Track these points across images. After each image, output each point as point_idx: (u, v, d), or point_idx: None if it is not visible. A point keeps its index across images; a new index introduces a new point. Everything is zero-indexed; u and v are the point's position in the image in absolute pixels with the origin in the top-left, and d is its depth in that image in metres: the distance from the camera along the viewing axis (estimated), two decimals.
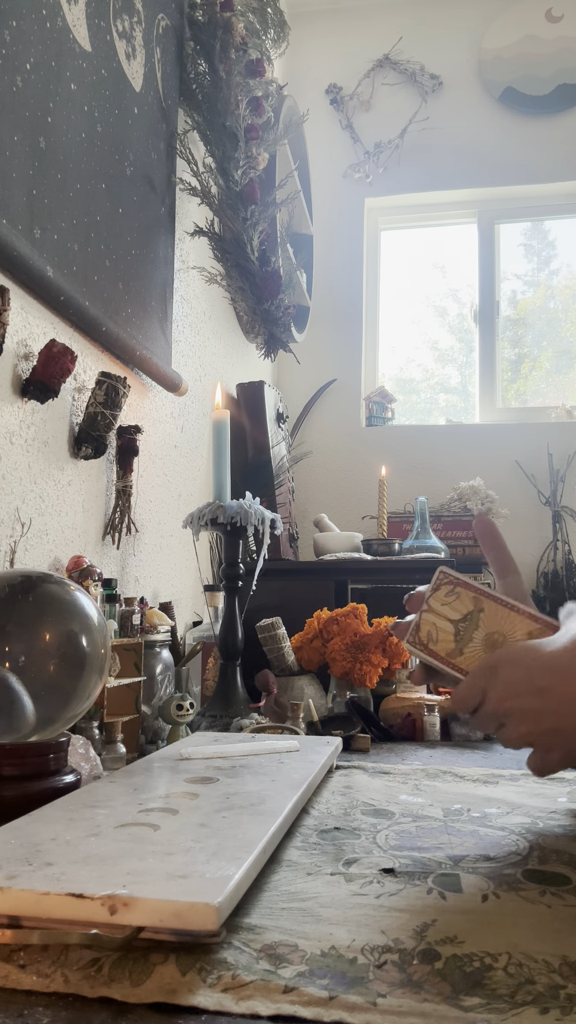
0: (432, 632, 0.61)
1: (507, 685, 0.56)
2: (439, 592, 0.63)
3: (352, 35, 2.79)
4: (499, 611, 0.60)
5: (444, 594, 0.62)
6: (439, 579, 0.63)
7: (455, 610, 0.62)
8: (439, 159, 2.71)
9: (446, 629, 0.61)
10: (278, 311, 1.87)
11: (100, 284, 1.18)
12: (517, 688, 0.55)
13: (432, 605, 0.62)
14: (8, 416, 0.97)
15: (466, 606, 0.61)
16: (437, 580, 0.63)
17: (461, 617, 0.61)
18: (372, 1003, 0.34)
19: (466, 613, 0.61)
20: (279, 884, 0.48)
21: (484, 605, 0.61)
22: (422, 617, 0.63)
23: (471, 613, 0.61)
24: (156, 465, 1.48)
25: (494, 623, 0.60)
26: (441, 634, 0.61)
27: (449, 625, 0.61)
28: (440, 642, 0.61)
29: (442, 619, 0.62)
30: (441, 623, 0.61)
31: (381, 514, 1.87)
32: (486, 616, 0.60)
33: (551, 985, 0.35)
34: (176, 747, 0.79)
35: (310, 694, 1.24)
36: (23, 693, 0.69)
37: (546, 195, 2.73)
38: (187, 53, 1.60)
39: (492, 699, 0.57)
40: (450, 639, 0.61)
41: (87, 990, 0.35)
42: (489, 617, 0.60)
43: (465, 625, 0.60)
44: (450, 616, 0.61)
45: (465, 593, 0.62)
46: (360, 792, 0.72)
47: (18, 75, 0.95)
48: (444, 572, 0.64)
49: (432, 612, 0.62)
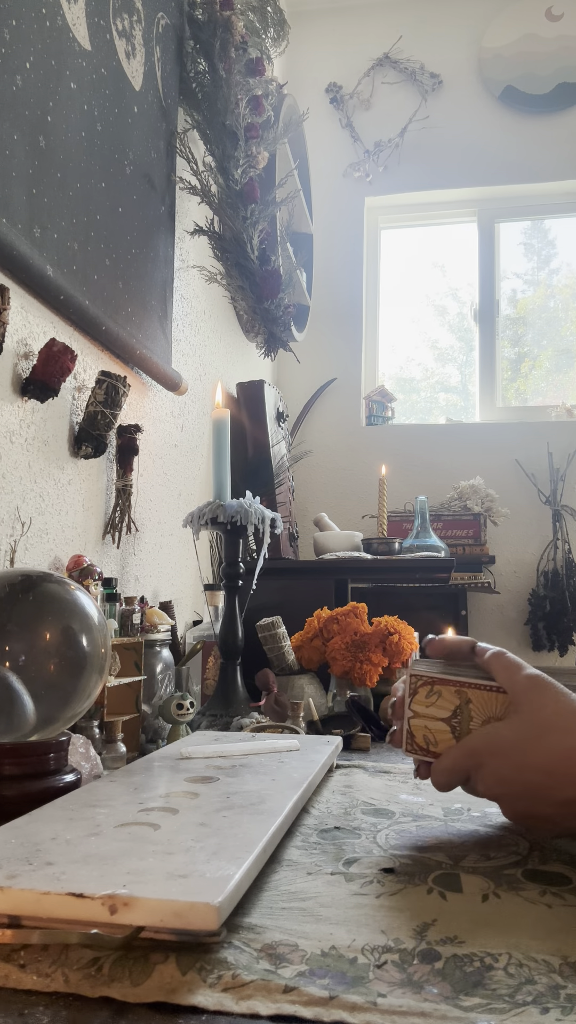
0: (428, 736, 0.60)
1: (495, 777, 0.56)
2: (419, 695, 0.61)
3: (352, 34, 2.79)
4: (486, 696, 0.59)
5: (424, 695, 0.60)
6: (414, 682, 0.61)
7: (442, 708, 0.60)
8: (439, 158, 2.71)
9: (441, 729, 0.60)
10: (278, 310, 1.87)
11: (100, 283, 1.18)
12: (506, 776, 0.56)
13: (417, 710, 0.61)
14: (8, 415, 0.97)
15: (452, 702, 0.59)
16: (413, 683, 0.61)
17: (451, 713, 0.59)
18: (372, 1003, 0.34)
19: (454, 708, 0.59)
20: (279, 884, 0.48)
21: (470, 695, 0.59)
22: (411, 724, 0.61)
23: (459, 707, 0.59)
24: (156, 464, 1.47)
25: (486, 709, 0.58)
26: (438, 735, 0.60)
27: (442, 724, 0.60)
28: (440, 743, 0.59)
29: (432, 720, 0.60)
30: (433, 724, 0.60)
31: (381, 513, 1.87)
32: (476, 705, 0.59)
33: (551, 985, 0.35)
34: (176, 746, 0.79)
35: (310, 693, 1.24)
36: (23, 692, 0.69)
37: (546, 194, 2.73)
38: (187, 52, 1.60)
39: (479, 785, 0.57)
40: (449, 737, 0.59)
41: (87, 990, 0.35)
42: (479, 705, 0.59)
43: (459, 720, 0.59)
44: (439, 715, 0.60)
45: (446, 690, 0.60)
46: (360, 791, 0.72)
47: (18, 74, 0.95)
48: (416, 675, 0.61)
49: (420, 717, 0.60)
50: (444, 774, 0.58)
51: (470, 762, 0.57)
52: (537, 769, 0.54)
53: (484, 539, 2.34)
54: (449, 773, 0.58)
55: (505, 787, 0.56)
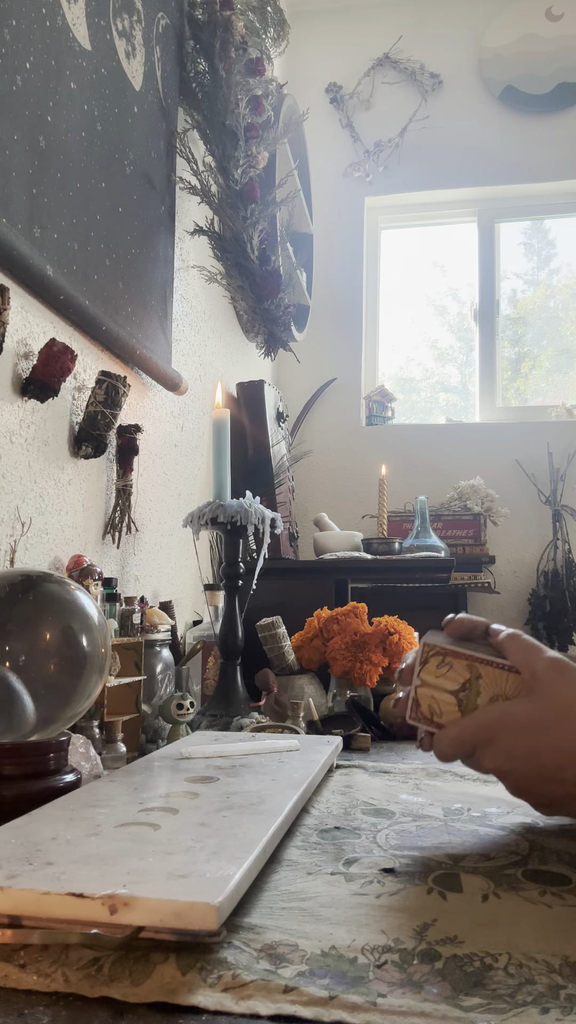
0: (433, 706, 0.60)
1: (506, 754, 0.56)
2: (429, 665, 0.61)
3: (352, 34, 2.79)
4: (496, 674, 0.59)
5: (435, 666, 0.61)
6: (426, 651, 0.61)
7: (451, 680, 0.60)
8: (439, 158, 2.71)
9: (447, 700, 0.60)
10: (278, 310, 1.87)
11: (100, 283, 1.18)
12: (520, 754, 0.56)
13: (425, 679, 0.61)
14: (8, 415, 0.97)
15: (462, 675, 0.59)
16: (424, 653, 0.61)
17: (459, 687, 0.59)
18: (372, 1003, 0.34)
19: (463, 682, 0.59)
20: (279, 884, 0.48)
21: (481, 671, 0.59)
22: (418, 692, 0.61)
23: (469, 681, 0.59)
24: (156, 464, 1.47)
25: (495, 686, 0.58)
26: (444, 706, 0.60)
27: (449, 696, 0.60)
28: (445, 714, 0.60)
29: (440, 691, 0.60)
30: (440, 695, 0.60)
31: (381, 513, 1.87)
32: (485, 681, 0.59)
33: (551, 985, 0.35)
34: (176, 746, 0.79)
35: (310, 693, 1.24)
36: (23, 692, 0.69)
37: (546, 194, 2.73)
38: (187, 52, 1.60)
39: (487, 760, 0.58)
40: (454, 709, 0.59)
41: (87, 990, 0.35)
42: (488, 681, 0.59)
43: (466, 694, 0.59)
44: (447, 687, 0.60)
45: (458, 663, 0.60)
46: (360, 791, 0.72)
47: (18, 74, 0.95)
48: (429, 644, 0.61)
49: (427, 686, 0.61)
50: (451, 744, 0.58)
51: (480, 736, 0.57)
52: (555, 751, 0.54)
53: (484, 539, 2.34)
54: (455, 744, 0.58)
55: (516, 764, 0.56)
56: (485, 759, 0.58)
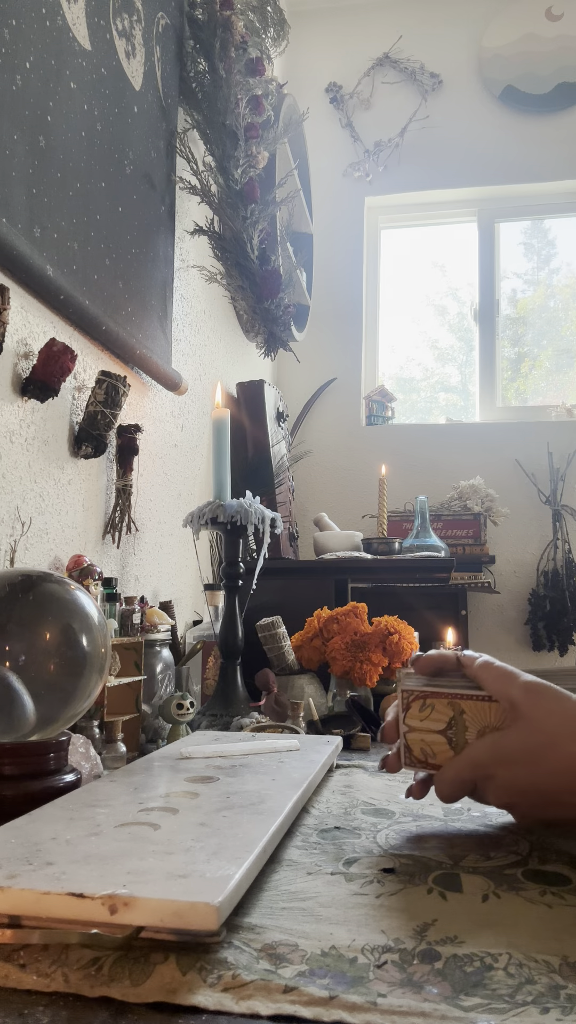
0: (426, 748, 0.60)
1: (507, 787, 0.56)
2: (412, 710, 0.61)
3: (352, 34, 2.79)
4: (478, 706, 0.59)
5: (418, 710, 0.61)
6: (406, 697, 0.62)
7: (437, 721, 0.60)
8: (439, 158, 2.71)
9: (437, 741, 0.60)
10: (278, 310, 1.87)
11: (100, 283, 1.18)
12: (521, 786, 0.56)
13: (412, 724, 0.61)
14: (8, 415, 0.97)
15: (445, 714, 0.60)
16: (405, 699, 0.62)
17: (446, 725, 0.60)
18: (372, 1003, 0.34)
19: (448, 720, 0.59)
20: (279, 884, 0.48)
21: (463, 706, 0.59)
22: (408, 739, 0.61)
23: (454, 718, 0.59)
24: (156, 464, 1.47)
25: (480, 718, 0.58)
26: (436, 747, 0.60)
27: (439, 737, 0.60)
28: (439, 755, 0.60)
29: (428, 733, 0.60)
30: (429, 737, 0.60)
31: (381, 513, 1.87)
32: (469, 716, 0.59)
33: (551, 985, 0.35)
34: (176, 746, 0.79)
35: (310, 693, 1.24)
36: (23, 692, 0.69)
37: (546, 194, 2.73)
38: (187, 52, 1.60)
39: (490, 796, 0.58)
40: (446, 749, 0.59)
41: (87, 990, 0.35)
42: (472, 716, 0.59)
43: (454, 731, 0.59)
44: (434, 728, 0.60)
45: (439, 702, 0.60)
46: (360, 791, 0.72)
47: (18, 74, 0.95)
48: (408, 690, 0.62)
49: (415, 731, 0.61)
50: (448, 785, 0.58)
51: (476, 773, 0.57)
52: (553, 774, 0.54)
53: (484, 539, 2.34)
54: (453, 784, 0.58)
55: (519, 796, 0.56)
56: (488, 795, 0.58)
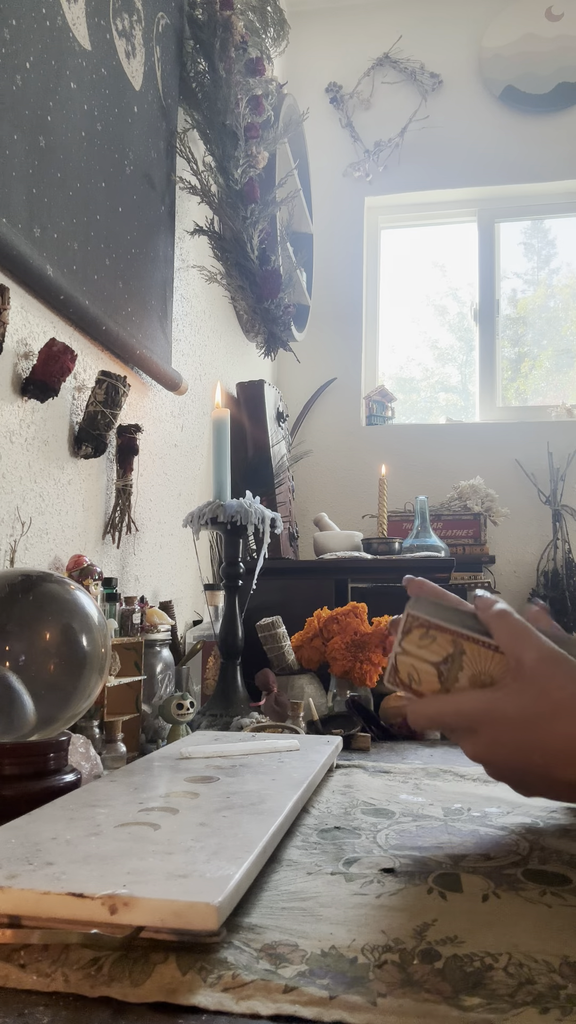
0: (413, 674, 0.59)
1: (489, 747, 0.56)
2: (412, 635, 0.59)
3: (352, 34, 2.79)
4: (481, 652, 0.56)
5: (418, 637, 0.59)
6: (409, 622, 0.59)
7: (434, 653, 0.58)
8: (439, 158, 2.71)
9: (427, 671, 0.58)
10: (278, 310, 1.87)
11: (100, 283, 1.18)
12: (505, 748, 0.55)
13: (407, 648, 0.59)
14: (8, 415, 0.97)
15: (445, 649, 0.58)
16: (408, 623, 0.59)
17: (441, 659, 0.58)
18: (372, 1003, 0.34)
19: (446, 656, 0.57)
20: (279, 884, 0.48)
21: (465, 647, 0.57)
22: (397, 660, 0.60)
23: (451, 656, 0.57)
24: (156, 464, 1.47)
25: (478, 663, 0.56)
26: (423, 676, 0.58)
27: (430, 667, 0.58)
28: (424, 683, 0.58)
29: (421, 661, 0.58)
30: (420, 665, 0.58)
31: (381, 513, 1.87)
32: (468, 658, 0.57)
33: (551, 985, 0.35)
34: (176, 746, 0.79)
35: (310, 693, 1.24)
36: (23, 692, 0.69)
37: (546, 194, 2.73)
38: (187, 52, 1.60)
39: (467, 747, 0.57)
40: (433, 680, 0.58)
41: (87, 990, 0.35)
42: (472, 658, 0.57)
43: (448, 667, 0.57)
44: (429, 659, 0.58)
45: (442, 636, 0.58)
46: (360, 791, 0.72)
47: (18, 74, 0.95)
48: (413, 616, 0.59)
49: (408, 655, 0.59)
50: (425, 720, 0.58)
51: (460, 722, 0.56)
52: (543, 750, 0.53)
53: (484, 539, 2.34)
54: (431, 721, 0.58)
55: (500, 757, 0.56)
56: (465, 745, 0.57)
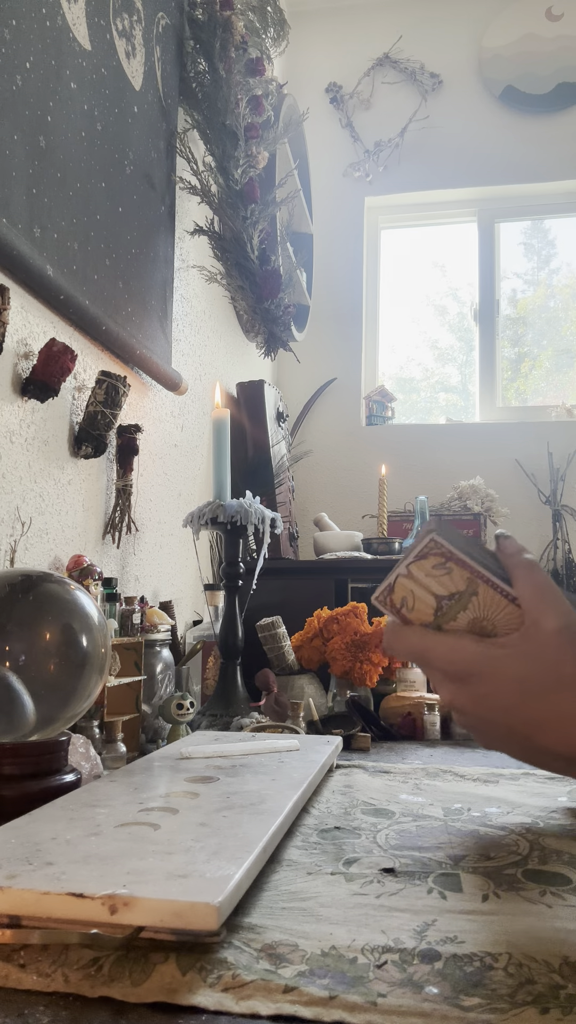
0: (408, 599, 0.54)
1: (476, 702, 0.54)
2: (425, 562, 0.53)
3: (352, 34, 2.79)
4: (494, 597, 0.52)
5: (432, 565, 0.53)
6: (429, 547, 0.53)
7: (442, 586, 0.53)
8: (439, 158, 2.71)
9: (426, 600, 0.54)
10: (278, 310, 1.87)
11: (100, 283, 1.18)
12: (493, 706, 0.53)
13: (414, 572, 0.54)
14: (8, 415, 0.97)
15: (457, 585, 0.53)
16: (426, 547, 0.53)
17: (448, 594, 0.53)
18: (372, 1003, 0.34)
19: (455, 592, 0.53)
20: (279, 884, 0.48)
21: (479, 589, 0.52)
22: (398, 581, 0.54)
23: (461, 593, 0.53)
24: (156, 464, 1.47)
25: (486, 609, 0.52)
26: (418, 603, 0.54)
27: (431, 598, 0.54)
28: (415, 611, 0.54)
29: (423, 590, 0.54)
30: (421, 593, 0.54)
31: (381, 513, 1.87)
32: (479, 600, 0.52)
33: (551, 985, 0.35)
34: (176, 746, 0.79)
35: (310, 693, 1.24)
36: (23, 692, 0.69)
37: (546, 194, 2.73)
38: (187, 52, 1.60)
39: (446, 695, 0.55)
40: (429, 611, 0.54)
41: (87, 990, 0.35)
42: (482, 602, 0.52)
43: (451, 603, 0.53)
44: (434, 590, 0.53)
45: (459, 571, 0.53)
46: (360, 791, 0.72)
47: (18, 74, 0.95)
48: (437, 542, 0.53)
49: (412, 579, 0.54)
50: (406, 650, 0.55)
51: (450, 667, 0.53)
52: (535, 719, 0.52)
53: (484, 539, 2.34)
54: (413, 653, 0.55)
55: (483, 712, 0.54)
56: (445, 691, 0.54)
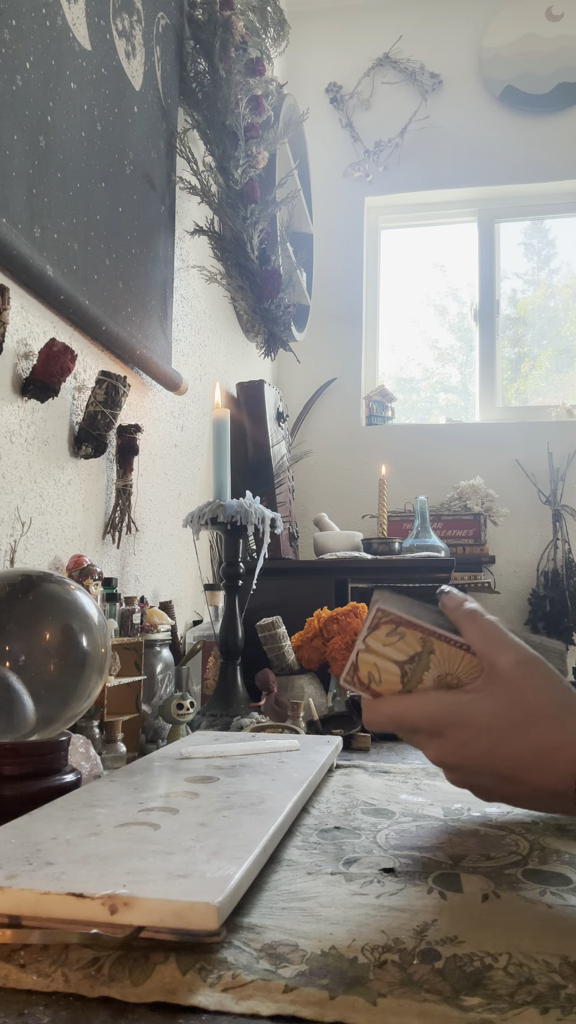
0: (374, 673, 0.56)
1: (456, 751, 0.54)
2: (379, 631, 0.56)
3: (352, 34, 2.79)
4: (451, 651, 0.54)
5: (385, 634, 0.56)
6: (377, 617, 0.56)
7: (400, 651, 0.55)
8: (439, 158, 2.71)
9: (390, 670, 0.55)
10: (278, 310, 1.87)
11: (100, 283, 1.18)
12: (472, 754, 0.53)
13: (371, 645, 0.56)
14: (8, 415, 0.97)
15: (413, 647, 0.55)
16: (375, 619, 0.56)
17: (407, 659, 0.55)
18: (372, 1003, 0.34)
19: (413, 654, 0.55)
20: (279, 883, 0.48)
21: (435, 646, 0.54)
22: (359, 657, 0.56)
23: (419, 655, 0.55)
24: (156, 464, 1.47)
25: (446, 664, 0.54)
26: (384, 675, 0.55)
27: (393, 667, 0.55)
28: (384, 683, 0.55)
29: (384, 660, 0.56)
30: (384, 664, 0.56)
31: (381, 513, 1.87)
32: (437, 657, 0.54)
33: (551, 985, 0.35)
34: (176, 746, 0.79)
35: (310, 693, 1.24)
36: (23, 692, 0.69)
37: (546, 194, 2.73)
38: (187, 52, 1.60)
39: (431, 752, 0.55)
40: (395, 680, 0.55)
41: (87, 990, 0.35)
42: (440, 658, 0.54)
43: (413, 667, 0.54)
44: (394, 657, 0.55)
45: (411, 634, 0.55)
46: (360, 791, 0.72)
47: (18, 74, 0.95)
48: (383, 611, 0.56)
49: (372, 652, 0.56)
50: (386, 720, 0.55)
51: (425, 724, 0.54)
52: (515, 756, 0.52)
53: (484, 539, 2.34)
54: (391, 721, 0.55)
55: (468, 762, 0.54)
56: (429, 748, 0.55)
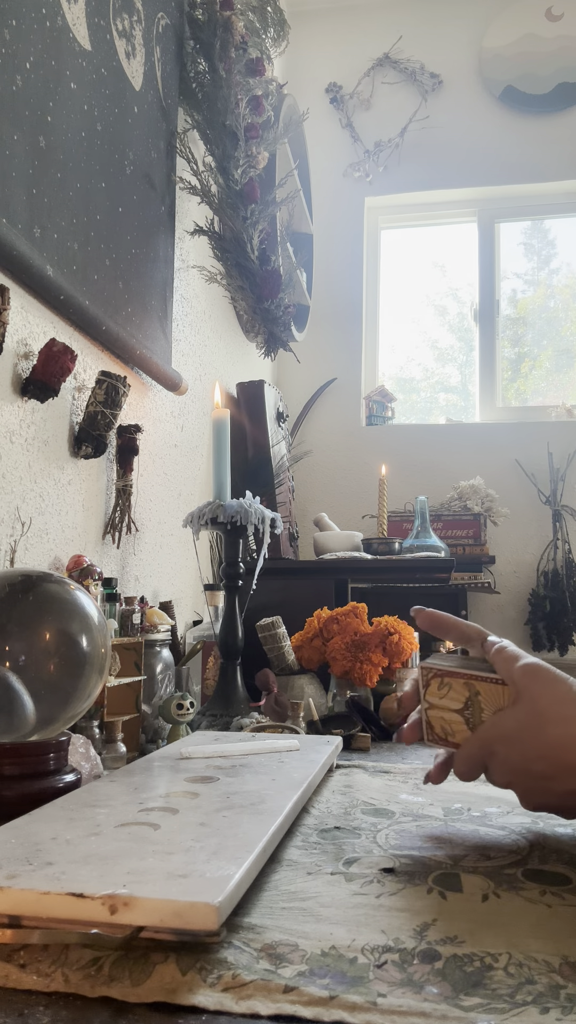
0: (445, 727, 0.63)
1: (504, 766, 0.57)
2: (431, 687, 0.64)
3: (352, 34, 2.79)
4: (492, 688, 0.60)
5: (436, 688, 0.63)
6: (425, 674, 0.64)
7: (454, 700, 0.62)
8: (439, 158, 2.71)
9: (455, 720, 0.62)
10: (278, 310, 1.87)
11: (100, 283, 1.18)
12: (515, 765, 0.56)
13: (431, 702, 0.64)
14: (8, 415, 0.97)
15: (462, 694, 0.62)
16: (425, 677, 0.64)
17: (463, 705, 0.62)
18: (372, 1003, 0.34)
19: (465, 700, 0.62)
20: (279, 883, 0.48)
21: (478, 688, 0.61)
22: (428, 715, 0.64)
23: (470, 699, 0.61)
24: (156, 464, 1.47)
25: (495, 700, 0.60)
26: (454, 726, 0.62)
27: (456, 716, 0.62)
28: (457, 733, 0.62)
29: (447, 711, 0.63)
30: (448, 716, 0.62)
31: (381, 513, 1.87)
32: (484, 697, 0.61)
33: (551, 985, 0.35)
34: (176, 746, 0.79)
35: (310, 693, 1.24)
36: (23, 692, 0.69)
37: (546, 194, 2.73)
38: (187, 52, 1.60)
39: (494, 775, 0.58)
40: (463, 728, 0.61)
41: (87, 990, 0.35)
42: (488, 697, 0.61)
43: (471, 711, 0.61)
44: (452, 707, 0.62)
45: (456, 682, 0.62)
46: (360, 791, 0.72)
47: (18, 74, 0.95)
48: (426, 667, 0.64)
49: (435, 708, 0.63)
50: (463, 762, 0.59)
51: (483, 751, 0.58)
52: (539, 759, 0.55)
53: (484, 539, 2.34)
54: (467, 762, 0.59)
55: (514, 776, 0.57)
56: (493, 774, 0.58)
